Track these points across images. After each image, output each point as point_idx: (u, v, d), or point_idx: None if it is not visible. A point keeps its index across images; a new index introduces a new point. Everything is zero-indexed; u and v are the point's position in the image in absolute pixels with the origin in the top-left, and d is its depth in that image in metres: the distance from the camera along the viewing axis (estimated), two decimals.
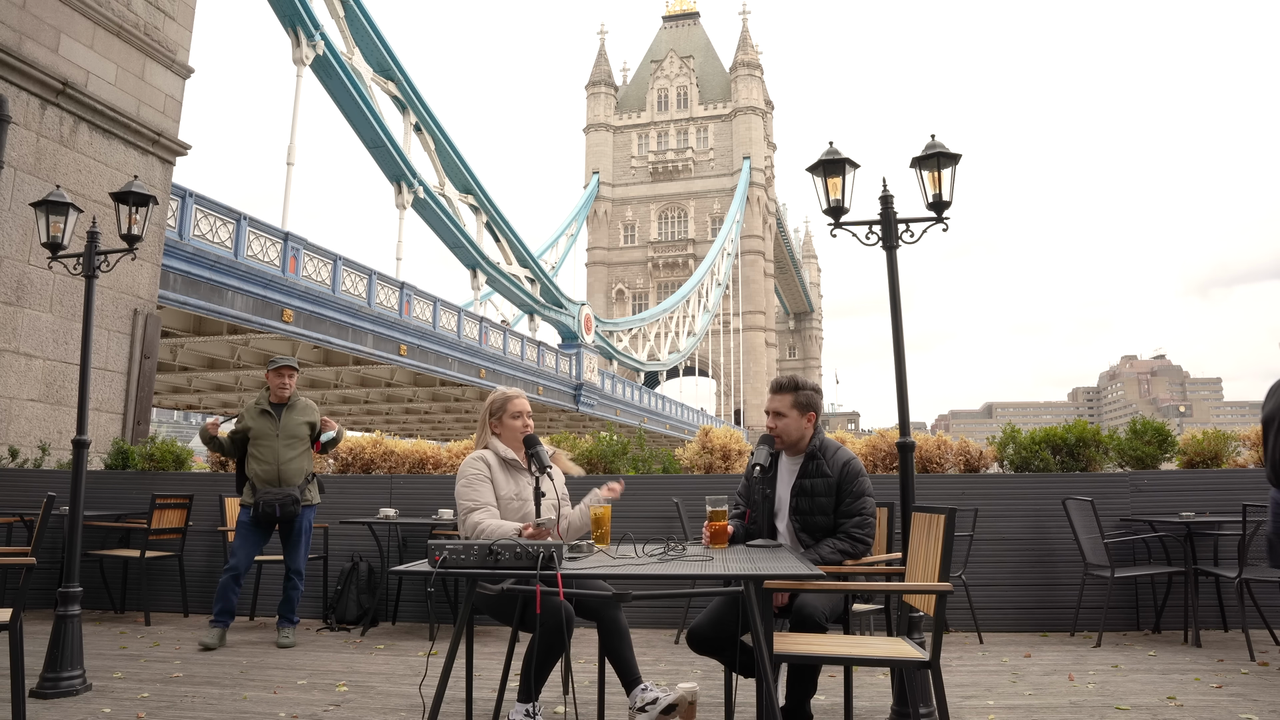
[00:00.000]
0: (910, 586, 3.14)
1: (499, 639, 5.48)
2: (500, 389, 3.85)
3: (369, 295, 23.61)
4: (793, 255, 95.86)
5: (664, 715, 3.18)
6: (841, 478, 3.57)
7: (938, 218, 3.92)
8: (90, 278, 4.64)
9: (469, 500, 3.52)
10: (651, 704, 3.20)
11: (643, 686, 3.28)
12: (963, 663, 4.89)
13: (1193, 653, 5.02)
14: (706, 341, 70.38)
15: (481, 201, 33.27)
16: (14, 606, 3.47)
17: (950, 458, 6.56)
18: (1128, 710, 3.81)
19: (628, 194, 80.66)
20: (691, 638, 3.33)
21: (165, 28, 10.07)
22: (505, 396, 3.79)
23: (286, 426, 5.75)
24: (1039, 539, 5.94)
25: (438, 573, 2.72)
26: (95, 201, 8.74)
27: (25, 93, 8.28)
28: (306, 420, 5.86)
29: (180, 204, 17.17)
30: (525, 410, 3.76)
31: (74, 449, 4.47)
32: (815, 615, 3.21)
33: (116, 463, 7.62)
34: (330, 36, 24.85)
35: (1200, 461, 6.32)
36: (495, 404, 3.78)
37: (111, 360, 9.27)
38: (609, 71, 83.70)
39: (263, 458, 5.70)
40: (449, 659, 2.87)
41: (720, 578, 2.88)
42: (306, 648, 5.49)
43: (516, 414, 3.73)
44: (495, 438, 3.74)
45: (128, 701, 4.07)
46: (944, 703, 2.72)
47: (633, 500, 6.21)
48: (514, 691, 3.69)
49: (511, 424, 3.71)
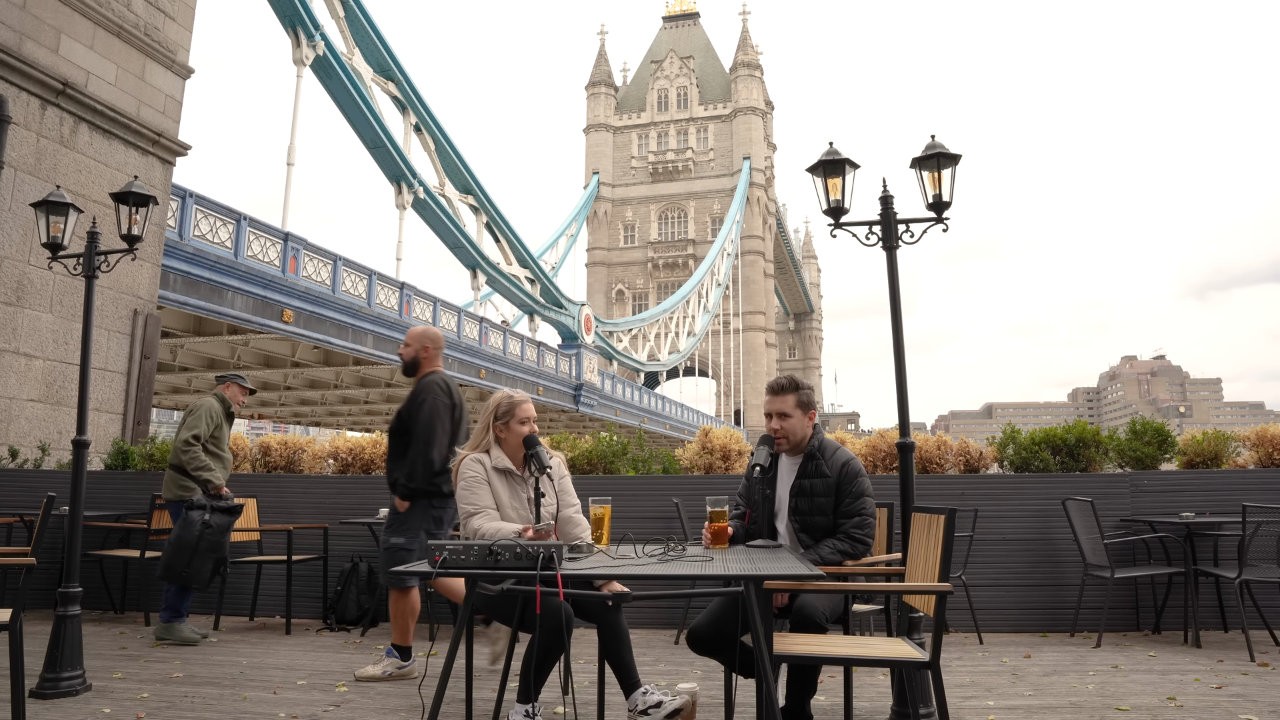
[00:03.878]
0: (910, 587, 3.14)
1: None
2: (505, 391, 3.68)
3: (369, 296, 23.61)
4: (793, 255, 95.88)
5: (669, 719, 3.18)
6: (841, 478, 3.57)
7: (938, 218, 3.92)
8: (90, 278, 4.64)
9: (469, 504, 3.49)
10: (655, 707, 3.17)
11: (644, 690, 3.26)
12: (963, 663, 4.89)
13: (1193, 653, 5.02)
14: (706, 342, 70.39)
15: (481, 202, 33.27)
16: (14, 606, 3.47)
17: (950, 458, 6.56)
18: (1128, 711, 3.81)
19: (628, 194, 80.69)
20: (691, 638, 3.33)
21: (165, 28, 10.08)
22: (513, 401, 3.61)
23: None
24: (1039, 539, 5.94)
25: (438, 573, 2.72)
26: (95, 202, 8.74)
27: (25, 93, 8.29)
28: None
29: (180, 204, 17.16)
30: (533, 416, 3.61)
31: (74, 449, 4.47)
32: (815, 615, 3.21)
33: (116, 463, 7.63)
34: (330, 37, 24.85)
35: (1200, 462, 6.32)
36: (501, 407, 3.60)
37: (111, 360, 9.27)
38: (609, 72, 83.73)
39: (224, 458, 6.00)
40: (449, 659, 2.87)
41: (720, 578, 2.88)
42: (306, 648, 5.49)
43: (525, 419, 3.58)
44: (496, 444, 3.61)
45: (128, 701, 4.07)
46: (944, 703, 2.72)
47: (633, 500, 6.22)
48: (514, 692, 3.69)
49: (519, 429, 3.56)
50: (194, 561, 5.51)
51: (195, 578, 5.55)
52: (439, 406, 4.65)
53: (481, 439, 3.64)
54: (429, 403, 4.64)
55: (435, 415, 4.62)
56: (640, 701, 3.21)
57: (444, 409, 4.67)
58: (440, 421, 4.62)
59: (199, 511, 5.61)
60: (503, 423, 3.60)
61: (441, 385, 4.74)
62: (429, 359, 4.87)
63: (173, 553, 5.51)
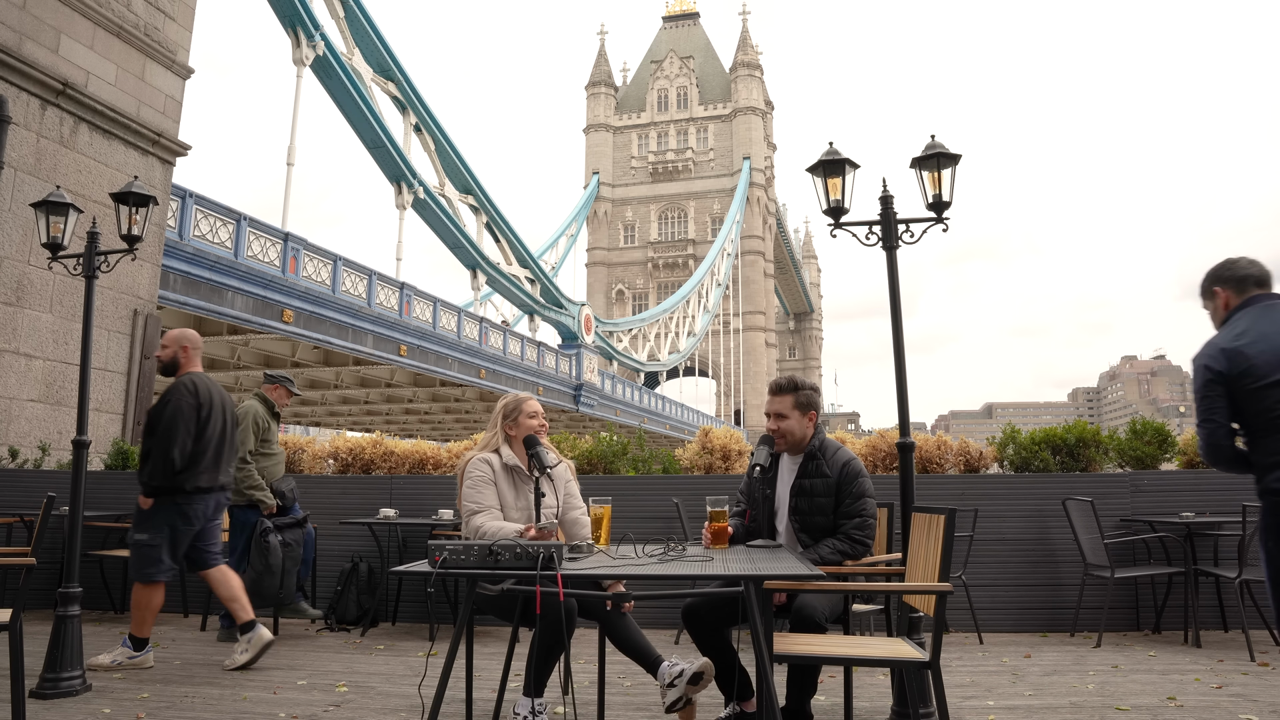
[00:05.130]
0: (910, 587, 3.14)
1: (499, 639, 5.48)
2: (511, 393, 3.85)
3: (369, 296, 23.60)
4: (793, 255, 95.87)
5: (691, 685, 3.18)
6: (841, 478, 3.57)
7: (938, 218, 3.92)
8: (90, 278, 4.64)
9: (473, 503, 3.51)
10: (679, 676, 3.20)
11: (670, 662, 3.28)
12: (963, 663, 4.89)
13: (1193, 653, 5.02)
14: (706, 342, 70.37)
15: (481, 202, 33.27)
16: (14, 606, 3.48)
17: (950, 458, 6.56)
18: (1128, 711, 3.81)
19: (628, 194, 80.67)
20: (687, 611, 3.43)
21: (165, 28, 10.07)
22: (519, 398, 3.78)
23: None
24: (1039, 539, 5.93)
25: (438, 573, 2.72)
26: (95, 202, 8.74)
27: (25, 93, 8.28)
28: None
29: (180, 204, 17.16)
30: (540, 410, 3.76)
31: (74, 449, 4.47)
32: (815, 615, 3.21)
33: (116, 463, 7.63)
34: (330, 37, 24.86)
35: (1200, 462, 6.32)
36: (509, 406, 3.75)
37: (111, 360, 9.27)
38: (609, 72, 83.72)
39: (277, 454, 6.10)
40: (449, 659, 2.87)
41: (720, 578, 2.88)
42: (306, 648, 5.49)
43: (533, 413, 3.71)
44: (507, 443, 3.70)
45: (128, 701, 4.07)
46: (944, 703, 2.72)
47: (633, 500, 6.22)
48: (514, 692, 3.69)
49: (528, 423, 3.68)
50: (285, 582, 5.68)
51: (287, 596, 5.74)
52: (182, 407, 4.79)
53: (491, 439, 3.73)
54: (173, 403, 4.81)
55: (177, 415, 4.76)
56: (668, 674, 3.23)
57: (189, 409, 4.80)
58: (182, 422, 4.77)
59: (273, 535, 5.72)
60: (511, 420, 3.71)
61: (190, 386, 4.89)
62: (187, 360, 5.03)
63: (263, 580, 5.62)
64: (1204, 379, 2.85)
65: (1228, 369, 2.79)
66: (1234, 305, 2.95)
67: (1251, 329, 2.80)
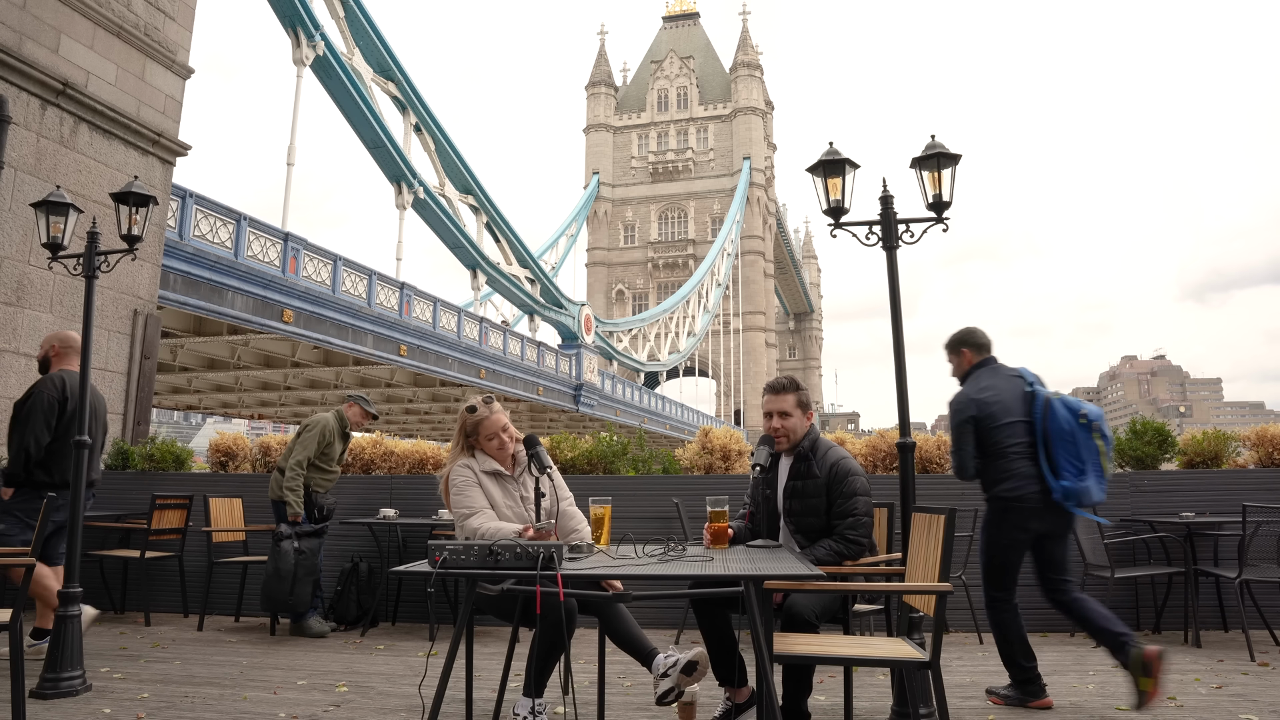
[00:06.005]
0: (910, 587, 3.14)
1: (499, 639, 5.48)
2: (472, 403, 3.62)
3: (369, 296, 23.60)
4: (793, 256, 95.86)
5: (684, 675, 3.18)
6: (830, 478, 3.56)
7: (938, 218, 3.92)
8: (90, 278, 4.64)
9: (464, 507, 3.50)
10: (673, 666, 3.20)
11: (663, 655, 3.28)
12: (963, 663, 4.89)
13: (1193, 653, 5.02)
14: (706, 342, 70.36)
15: (481, 202, 33.26)
16: (14, 606, 3.47)
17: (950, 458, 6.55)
18: (1128, 711, 3.81)
19: (628, 194, 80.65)
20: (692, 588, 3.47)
21: (165, 28, 10.07)
22: (476, 419, 3.57)
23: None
24: None
25: (438, 573, 2.72)
26: (95, 202, 8.73)
27: (25, 93, 8.28)
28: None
29: (180, 204, 17.16)
30: (499, 427, 3.58)
31: (74, 449, 4.47)
32: (804, 614, 3.22)
33: (116, 463, 7.62)
34: (330, 37, 24.85)
35: (1200, 462, 6.32)
36: (468, 427, 3.59)
37: (111, 361, 9.26)
38: (609, 72, 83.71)
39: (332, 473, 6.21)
40: (449, 659, 2.87)
41: (720, 578, 2.88)
42: (306, 648, 5.49)
43: (491, 435, 3.58)
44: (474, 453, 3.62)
45: (128, 702, 4.07)
46: (944, 703, 2.72)
47: (633, 500, 6.22)
48: (514, 692, 3.69)
49: (488, 445, 3.59)
50: (295, 589, 5.72)
51: (299, 604, 5.77)
52: (42, 400, 4.93)
53: (459, 451, 3.65)
54: (34, 397, 4.97)
55: (36, 408, 4.92)
56: (662, 665, 3.23)
57: (51, 402, 4.95)
58: (41, 415, 4.90)
59: (288, 541, 5.75)
60: (473, 439, 3.63)
61: (56, 381, 5.01)
62: (58, 357, 5.18)
63: (273, 584, 5.65)
64: (960, 418, 4.03)
65: (977, 413, 4.00)
66: (974, 363, 4.15)
67: (991, 385, 4.03)
